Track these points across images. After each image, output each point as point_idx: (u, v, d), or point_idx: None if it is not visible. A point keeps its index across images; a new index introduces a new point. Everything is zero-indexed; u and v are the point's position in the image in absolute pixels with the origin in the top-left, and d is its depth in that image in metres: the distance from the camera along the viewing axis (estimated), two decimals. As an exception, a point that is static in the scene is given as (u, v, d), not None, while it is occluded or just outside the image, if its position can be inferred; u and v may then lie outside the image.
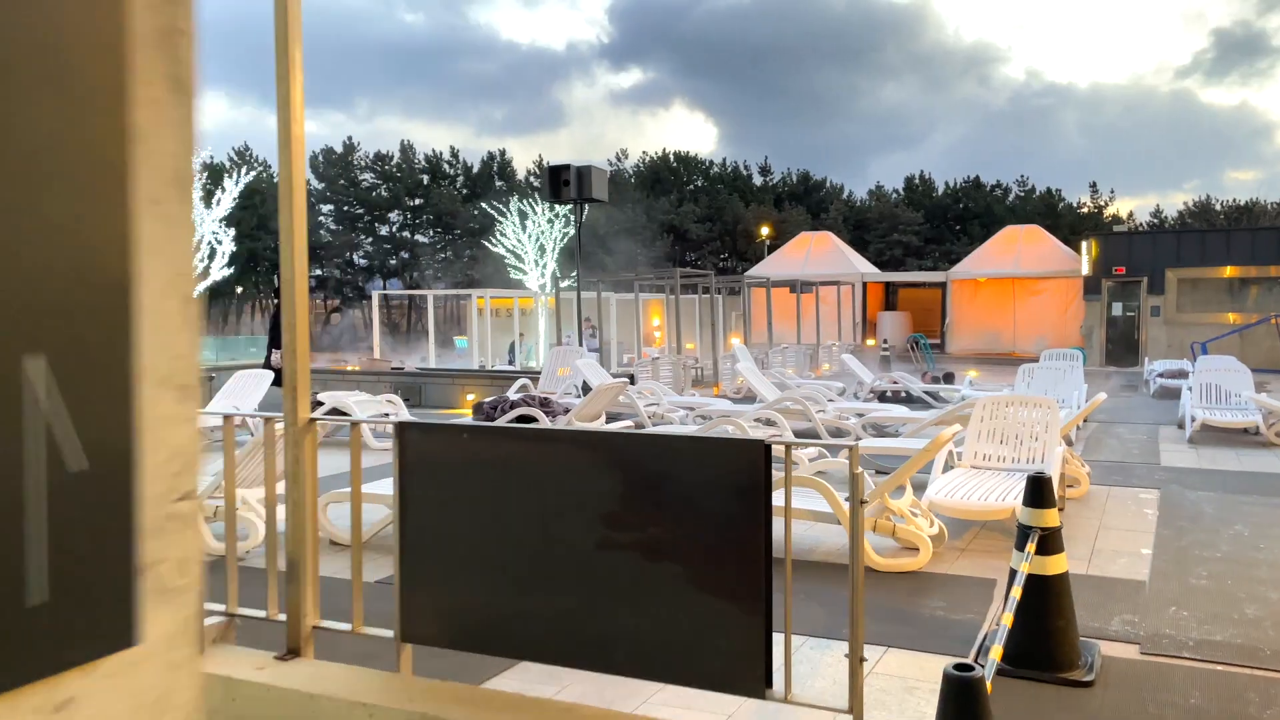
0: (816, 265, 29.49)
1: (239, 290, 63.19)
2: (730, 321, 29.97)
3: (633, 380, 14.02)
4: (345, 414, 9.65)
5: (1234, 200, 65.33)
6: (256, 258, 63.81)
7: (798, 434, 10.39)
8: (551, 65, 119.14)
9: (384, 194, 68.55)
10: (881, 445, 7.74)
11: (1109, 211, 65.58)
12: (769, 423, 8.68)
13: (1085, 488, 7.20)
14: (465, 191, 70.45)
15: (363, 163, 69.06)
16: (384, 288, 68.82)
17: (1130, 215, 67.16)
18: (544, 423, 8.76)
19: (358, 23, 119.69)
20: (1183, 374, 16.67)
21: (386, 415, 9.97)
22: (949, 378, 17.40)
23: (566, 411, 9.13)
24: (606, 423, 11.65)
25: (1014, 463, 6.82)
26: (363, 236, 70.58)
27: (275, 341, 12.15)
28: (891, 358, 23.35)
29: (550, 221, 27.21)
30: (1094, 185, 68.56)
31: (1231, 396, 11.30)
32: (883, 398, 15.33)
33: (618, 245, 64.25)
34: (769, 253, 35.09)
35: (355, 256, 71.12)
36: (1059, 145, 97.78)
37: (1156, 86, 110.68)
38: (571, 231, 28.32)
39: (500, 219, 26.93)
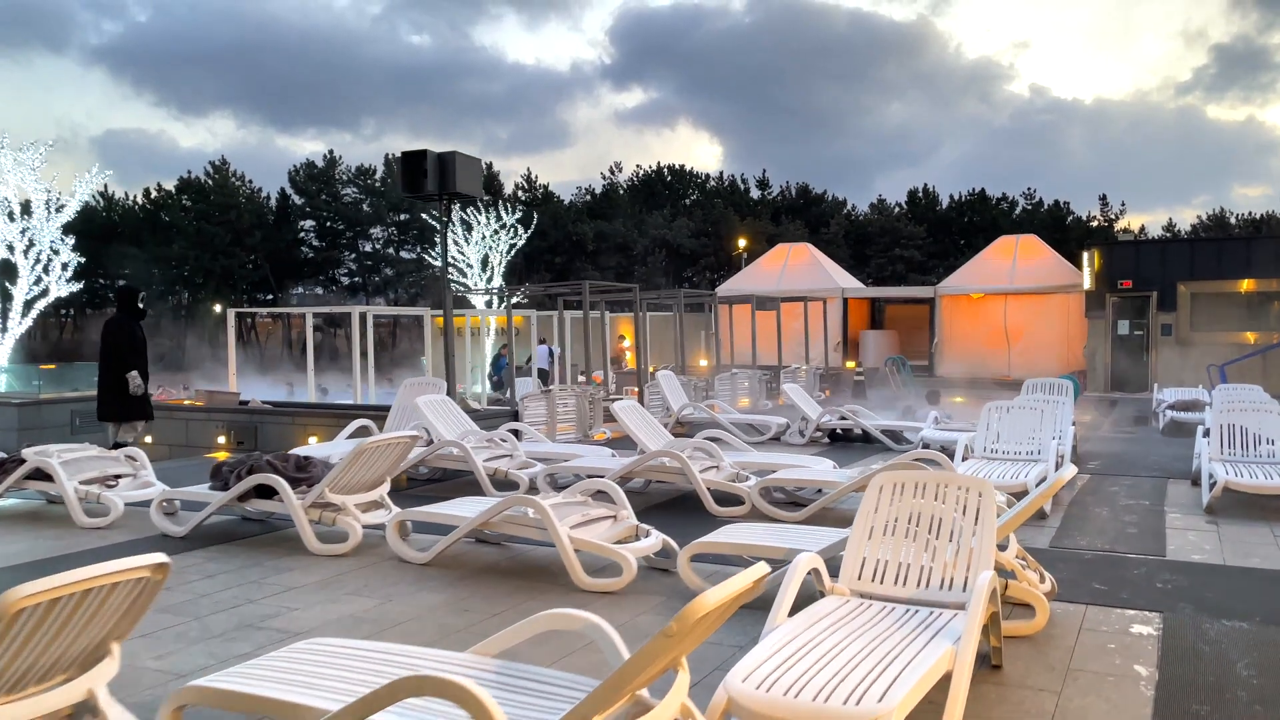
0: (793, 280, 26.90)
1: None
2: (700, 341, 27.42)
3: (517, 416, 11.47)
4: (49, 478, 7.11)
5: (1249, 213, 62.49)
6: (232, 275, 61.70)
7: (678, 501, 7.83)
8: (556, 86, 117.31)
9: (367, 209, 66.28)
10: (721, 540, 5.13)
11: (1120, 225, 62.82)
12: (609, 499, 6.08)
13: (1044, 616, 4.57)
14: (468, 208, 68.31)
15: (344, 177, 66.80)
16: (368, 302, 66.52)
17: (1142, 229, 64.42)
18: (287, 494, 6.19)
19: (363, 45, 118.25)
20: (1197, 405, 14.01)
21: (115, 480, 7.42)
22: (934, 397, 14.76)
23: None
24: (433, 478, 9.09)
25: (921, 587, 4.21)
26: (346, 253, 68.43)
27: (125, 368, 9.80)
28: (867, 383, 20.70)
29: (496, 232, 24.78)
30: (1104, 198, 65.51)
31: (1261, 444, 8.64)
32: (833, 436, 12.74)
33: (608, 260, 61.97)
34: (745, 265, 32.53)
35: (338, 274, 68.88)
36: (1066, 161, 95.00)
37: (1161, 103, 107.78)
38: (520, 243, 26.00)
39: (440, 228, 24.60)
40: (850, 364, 24.75)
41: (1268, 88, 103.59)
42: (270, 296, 65.61)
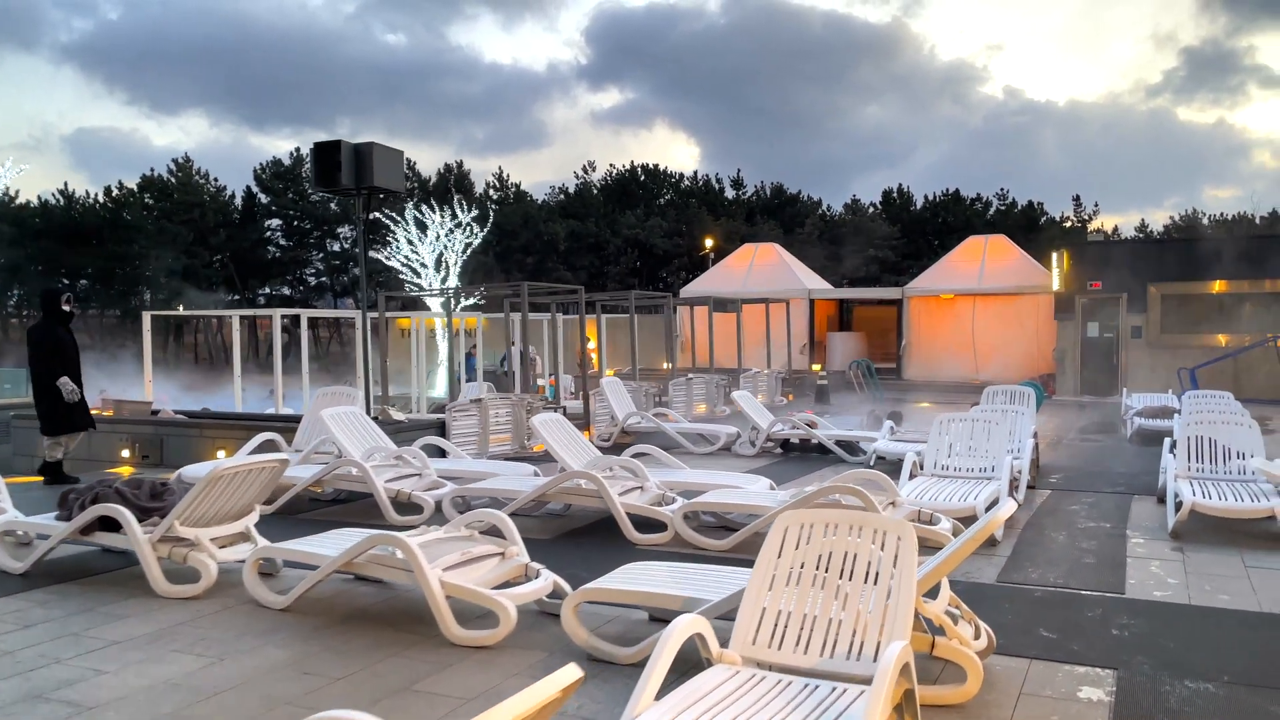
0: (759, 280, 26.24)
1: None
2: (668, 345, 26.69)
3: (444, 431, 10.73)
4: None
5: (1221, 214, 62.53)
6: (196, 275, 60.40)
7: (601, 525, 7.14)
8: (533, 86, 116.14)
9: (334, 208, 65.12)
10: (612, 586, 4.40)
11: (1093, 226, 62.70)
12: (498, 534, 5.34)
13: (976, 682, 3.88)
14: (422, 205, 67.29)
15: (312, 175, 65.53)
16: (335, 306, 65.36)
17: (1115, 230, 64.33)
18: (130, 528, 5.43)
19: (338, 44, 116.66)
20: (1166, 412, 13.43)
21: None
22: (896, 417, 14.04)
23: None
24: (338, 499, 8.34)
25: (825, 654, 3.51)
26: (314, 253, 67.28)
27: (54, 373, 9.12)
28: (830, 388, 20.08)
29: (450, 232, 23.95)
30: (1077, 199, 65.35)
31: (1232, 458, 8.02)
32: (786, 446, 12.06)
33: (580, 260, 61.16)
34: (712, 265, 31.88)
35: (305, 274, 67.67)
36: (1039, 163, 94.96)
37: (1133, 105, 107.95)
38: (476, 242, 25.21)
39: (393, 226, 23.77)
40: (816, 367, 24.14)
41: (1236, 90, 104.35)
42: (235, 297, 64.41)
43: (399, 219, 24.32)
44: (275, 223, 66.35)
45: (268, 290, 67.70)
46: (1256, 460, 7.45)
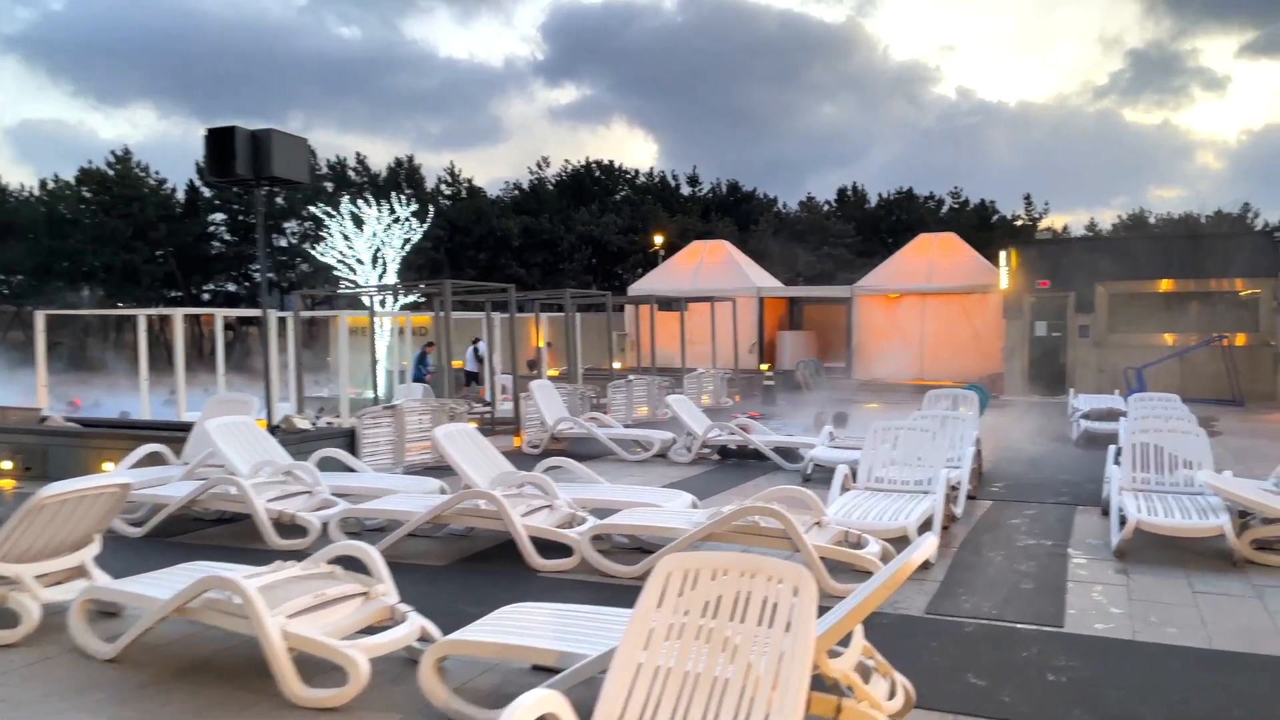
0: (708, 278, 25.73)
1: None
2: (618, 344, 26.11)
3: (351, 444, 10.03)
4: None
5: (1168, 214, 63.27)
6: (135, 271, 58.61)
7: (506, 548, 6.54)
8: (489, 81, 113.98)
9: (280, 203, 63.52)
10: (478, 638, 3.80)
11: (1043, 225, 63.09)
12: (360, 573, 4.69)
13: (889, 751, 3.34)
14: (371, 200, 66.01)
15: (257, 168, 63.74)
16: (281, 305, 63.81)
17: (1065, 229, 64.82)
18: (-60, 568, 4.71)
19: (290, 36, 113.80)
20: (1113, 415, 13.10)
21: None
22: (840, 419, 13.53)
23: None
24: (223, 518, 7.63)
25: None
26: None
27: None
28: (778, 387, 19.61)
29: (388, 227, 23.13)
30: (1028, 198, 65.72)
31: (1179, 468, 7.61)
32: (724, 452, 11.53)
33: (534, 256, 60.30)
34: (661, 262, 31.32)
35: (251, 270, 65.98)
36: (991, 162, 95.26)
37: (1080, 106, 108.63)
38: (417, 238, 24.41)
39: (327, 219, 22.97)
40: (764, 366, 23.68)
41: (1180, 92, 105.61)
42: (178, 294, 62.57)
43: (334, 213, 23.43)
44: (219, 217, 64.57)
45: (212, 287, 65.93)
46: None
